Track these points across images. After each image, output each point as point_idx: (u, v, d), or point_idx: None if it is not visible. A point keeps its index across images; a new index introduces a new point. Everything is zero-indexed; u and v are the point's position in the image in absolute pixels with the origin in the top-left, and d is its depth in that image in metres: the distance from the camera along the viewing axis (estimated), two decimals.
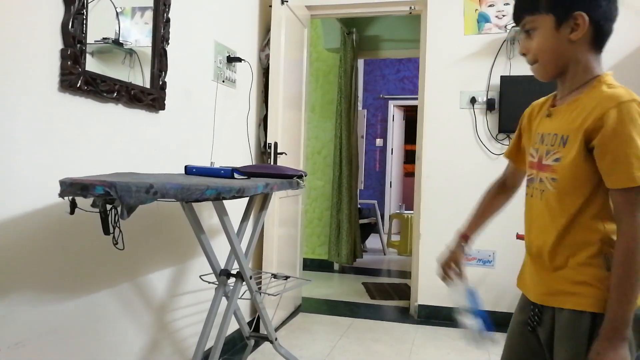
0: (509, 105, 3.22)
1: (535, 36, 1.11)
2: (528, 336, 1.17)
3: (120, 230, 1.43)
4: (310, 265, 4.96)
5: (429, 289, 3.45)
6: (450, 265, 1.37)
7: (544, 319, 1.12)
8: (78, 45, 1.59)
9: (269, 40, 3.03)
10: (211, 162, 2.52)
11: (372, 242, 6.46)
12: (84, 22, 1.62)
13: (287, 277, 2.25)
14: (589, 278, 1.05)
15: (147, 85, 2.00)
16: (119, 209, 1.22)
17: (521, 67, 3.24)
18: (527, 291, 1.19)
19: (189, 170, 1.92)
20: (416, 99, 3.68)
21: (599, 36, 1.08)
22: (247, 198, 2.16)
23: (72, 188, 1.19)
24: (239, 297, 2.03)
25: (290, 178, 2.08)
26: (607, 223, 1.05)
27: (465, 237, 1.40)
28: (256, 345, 2.77)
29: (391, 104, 7.53)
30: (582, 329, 1.03)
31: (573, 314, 1.05)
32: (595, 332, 1.02)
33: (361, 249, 5.31)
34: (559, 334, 1.08)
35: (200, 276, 2.27)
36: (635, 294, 0.99)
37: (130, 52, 1.93)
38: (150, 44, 2.02)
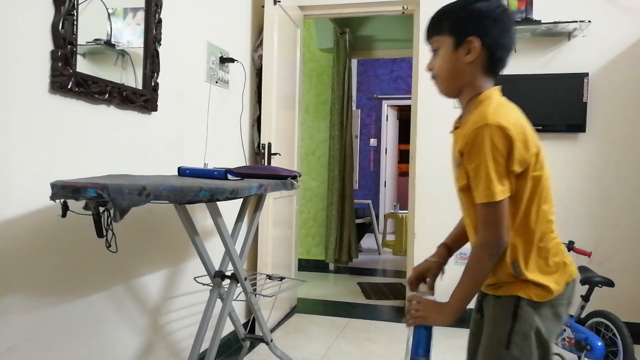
0: None
1: (438, 54, 1.22)
2: (477, 321, 1.31)
3: (113, 233, 1.42)
4: (305, 265, 4.95)
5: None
6: (420, 275, 1.39)
7: (484, 305, 1.27)
8: (69, 46, 1.58)
9: (261, 40, 3.02)
10: (204, 164, 2.51)
11: (367, 242, 6.46)
12: (75, 23, 1.60)
13: (282, 278, 2.24)
14: (505, 278, 1.17)
15: (140, 87, 1.99)
16: (111, 211, 1.21)
17: (514, 67, 3.25)
18: None
19: (182, 172, 1.91)
20: (410, 98, 3.69)
21: (492, 61, 1.18)
22: (241, 199, 2.15)
23: (64, 191, 1.18)
24: (234, 298, 2.02)
25: (284, 179, 2.08)
26: (514, 233, 1.14)
27: (446, 246, 1.42)
28: (252, 346, 2.76)
29: (385, 103, 7.54)
30: (506, 310, 1.17)
31: (498, 297, 1.19)
32: (518, 312, 1.15)
33: (357, 249, 5.31)
34: (487, 315, 1.24)
35: (194, 278, 2.26)
36: (471, 288, 1.17)
37: (122, 53, 1.91)
38: (142, 45, 2.01)
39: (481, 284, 1.18)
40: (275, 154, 3.02)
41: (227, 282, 2.03)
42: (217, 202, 1.72)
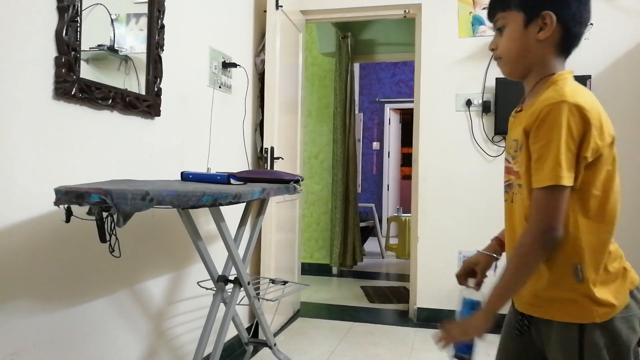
0: (504, 108, 3.23)
1: (505, 33, 1.12)
2: (520, 340, 1.17)
3: (116, 238, 1.43)
4: (308, 269, 4.95)
5: (427, 291, 3.44)
6: (469, 269, 1.28)
7: (532, 325, 1.13)
8: (72, 52, 1.59)
9: (264, 45, 3.03)
10: (207, 168, 2.51)
11: (370, 245, 6.45)
12: (78, 29, 1.61)
13: (285, 282, 2.25)
14: (566, 292, 1.05)
15: (143, 92, 1.99)
16: (115, 216, 1.21)
17: None
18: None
19: (185, 177, 1.92)
20: (412, 102, 3.69)
21: (567, 38, 1.08)
22: (244, 203, 2.16)
23: (68, 196, 1.18)
24: (237, 303, 2.02)
25: (287, 183, 2.08)
26: (572, 230, 1.03)
27: (498, 240, 1.30)
28: (255, 351, 2.76)
29: (387, 107, 7.55)
30: (572, 339, 1.04)
31: (561, 324, 1.06)
32: (584, 340, 1.03)
33: (361, 253, 5.31)
34: (550, 342, 1.09)
35: (197, 282, 2.26)
36: (516, 282, 1.04)
37: (126, 58, 1.92)
38: (145, 51, 2.02)
39: (526, 281, 1.04)
40: (277, 158, 3.03)
41: (230, 286, 2.03)
42: (220, 207, 1.73)
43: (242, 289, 1.99)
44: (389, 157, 7.58)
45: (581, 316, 1.03)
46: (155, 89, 2.06)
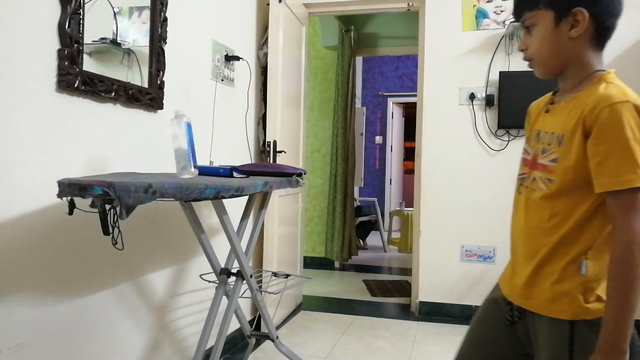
0: (508, 101, 3.22)
1: (534, 32, 1.08)
2: (502, 329, 1.17)
3: (119, 230, 1.43)
4: (310, 263, 4.96)
5: (429, 285, 3.45)
6: None
7: (522, 317, 1.13)
8: (75, 45, 1.59)
9: (267, 38, 3.03)
10: (210, 161, 2.52)
11: (373, 239, 6.46)
12: (81, 22, 1.61)
13: (287, 276, 2.25)
14: (568, 287, 1.03)
15: (145, 85, 2.00)
16: (117, 209, 1.21)
17: (520, 63, 3.24)
18: (505, 288, 1.20)
19: None
20: (415, 95, 3.68)
21: (601, 33, 1.05)
22: (247, 197, 2.16)
23: (71, 188, 1.19)
24: (240, 296, 2.03)
25: (289, 176, 2.08)
26: (595, 228, 1.02)
27: None
28: (257, 344, 2.77)
29: (390, 101, 7.52)
30: (562, 335, 1.03)
31: (552, 320, 1.05)
32: (575, 336, 1.02)
33: (356, 246, 5.31)
34: (538, 337, 1.08)
35: (200, 275, 2.27)
36: (632, 306, 0.94)
37: (128, 51, 1.92)
38: (148, 44, 2.01)
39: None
40: (280, 151, 3.02)
41: (232, 279, 2.04)
42: (223, 200, 1.73)
43: (244, 281, 1.99)
44: (391, 151, 7.56)
45: (574, 312, 1.02)
46: (158, 82, 2.06)
